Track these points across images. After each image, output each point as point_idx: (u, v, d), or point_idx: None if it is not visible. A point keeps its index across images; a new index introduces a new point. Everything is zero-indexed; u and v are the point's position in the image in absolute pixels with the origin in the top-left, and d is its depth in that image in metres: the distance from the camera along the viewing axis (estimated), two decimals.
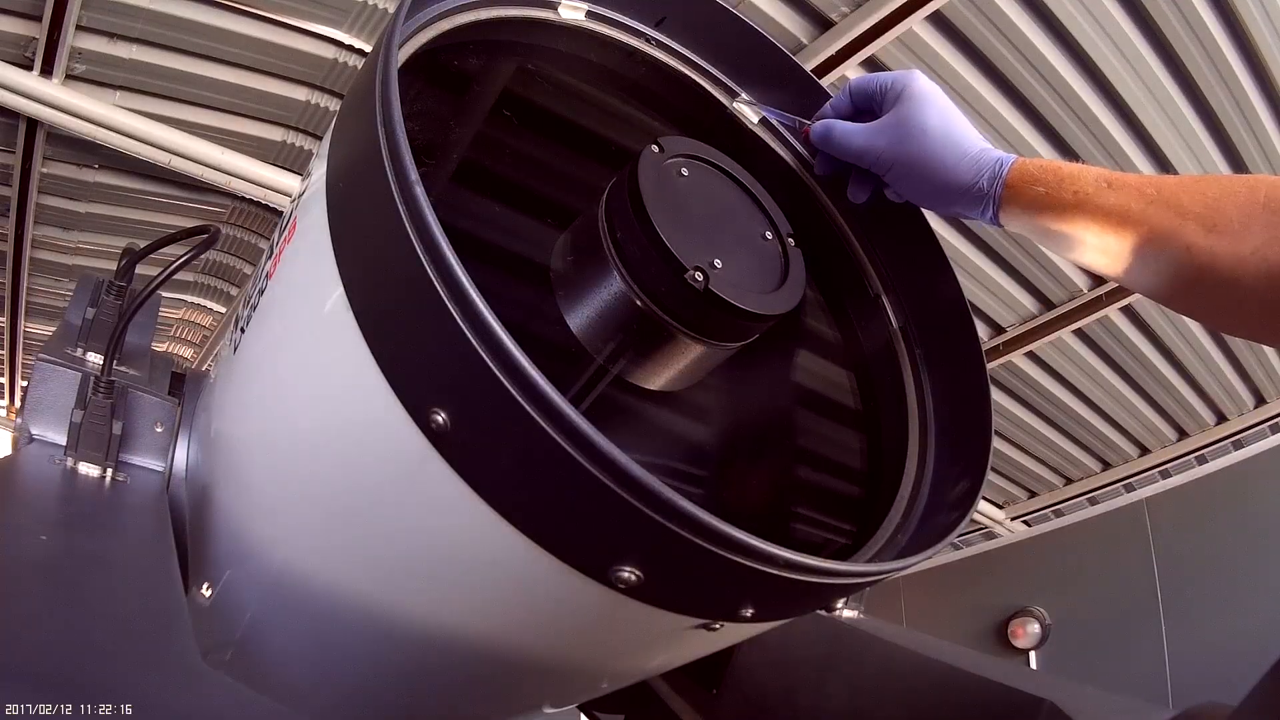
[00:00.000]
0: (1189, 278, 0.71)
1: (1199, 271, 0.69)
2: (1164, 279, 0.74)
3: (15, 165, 3.07)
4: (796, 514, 0.90)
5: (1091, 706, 0.91)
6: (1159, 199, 0.72)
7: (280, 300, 0.76)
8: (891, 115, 0.82)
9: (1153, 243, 0.72)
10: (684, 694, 1.28)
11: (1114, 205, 0.73)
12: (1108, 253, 0.75)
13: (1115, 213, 0.73)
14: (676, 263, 0.68)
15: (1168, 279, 0.73)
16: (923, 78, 0.84)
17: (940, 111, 0.81)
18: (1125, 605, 3.57)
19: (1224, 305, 0.72)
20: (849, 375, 0.98)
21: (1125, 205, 0.72)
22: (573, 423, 0.51)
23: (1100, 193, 0.74)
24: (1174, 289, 0.74)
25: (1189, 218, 0.70)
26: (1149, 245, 0.72)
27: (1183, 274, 0.71)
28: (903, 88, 0.83)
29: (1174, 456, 4.15)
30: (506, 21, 0.84)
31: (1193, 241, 0.69)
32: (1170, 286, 0.74)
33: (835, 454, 0.96)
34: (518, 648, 0.74)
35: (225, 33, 2.67)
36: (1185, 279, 0.71)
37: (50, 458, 0.84)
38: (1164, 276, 0.73)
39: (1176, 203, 0.71)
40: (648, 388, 0.76)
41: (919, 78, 0.84)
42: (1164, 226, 0.71)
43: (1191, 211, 0.70)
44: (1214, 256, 0.68)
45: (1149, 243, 0.72)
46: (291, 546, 0.80)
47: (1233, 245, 0.67)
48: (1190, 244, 0.69)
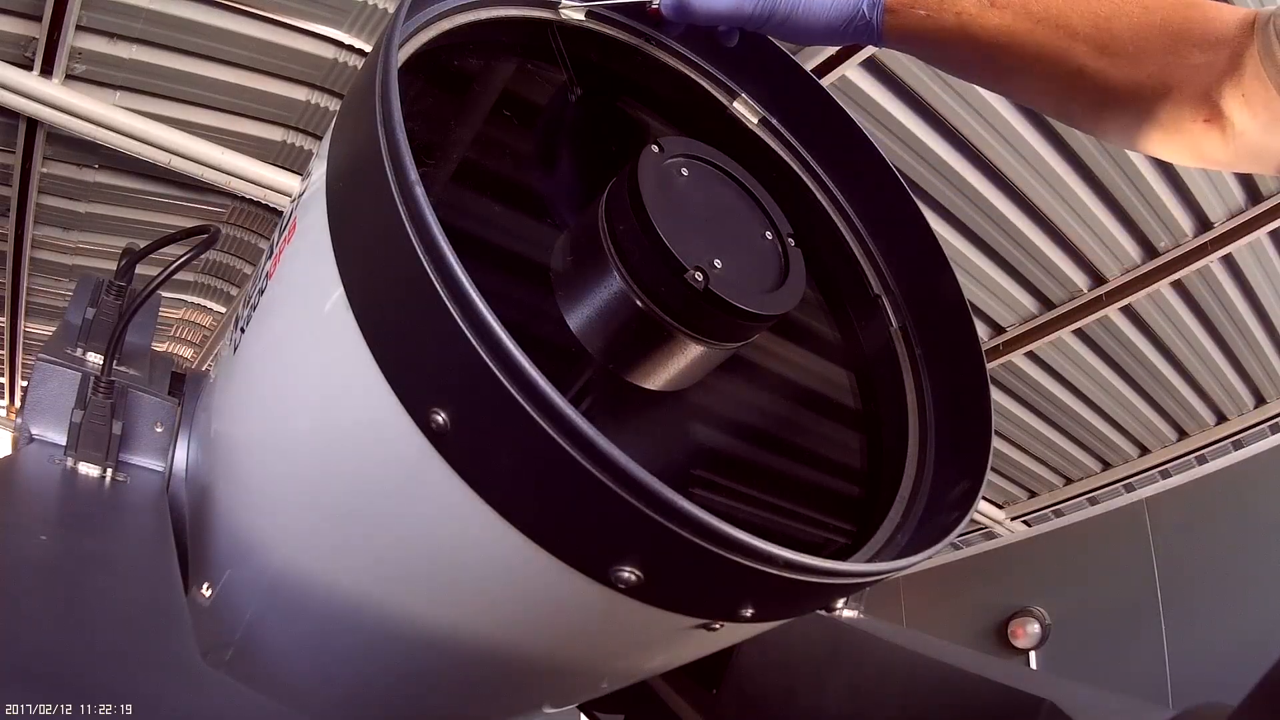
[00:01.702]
0: (1087, 100, 0.68)
1: (1095, 94, 0.66)
2: (1060, 101, 0.71)
3: (15, 165, 3.07)
4: (796, 514, 0.90)
5: (1091, 706, 0.91)
6: (1046, 18, 0.67)
7: (280, 300, 0.76)
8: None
9: (1042, 63, 0.68)
10: (684, 694, 1.28)
11: (998, 26, 0.69)
12: (999, 76, 0.72)
13: (1001, 33, 0.69)
14: (676, 263, 0.68)
15: (1063, 101, 0.70)
16: None
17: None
18: (1125, 605, 3.57)
19: (1127, 127, 0.68)
20: (849, 375, 0.98)
21: (1010, 26, 0.69)
22: (573, 423, 0.51)
23: (984, 13, 0.70)
24: (1073, 111, 0.71)
25: (1078, 39, 0.66)
26: (1039, 66, 0.68)
27: (1079, 97, 0.68)
28: None
29: (1174, 456, 4.15)
30: (506, 21, 0.84)
31: (1084, 64, 0.65)
32: (1068, 108, 0.71)
33: (835, 454, 0.96)
34: (518, 648, 0.74)
35: (225, 33, 2.67)
36: (1082, 102, 0.68)
37: (50, 458, 0.84)
38: (1059, 98, 0.70)
39: (1065, 22, 0.66)
40: (647, 388, 0.76)
41: None
42: (1052, 47, 0.67)
43: (1081, 32, 0.66)
44: (1108, 79, 0.65)
45: (1038, 63, 0.68)
46: (291, 546, 0.80)
47: (1129, 69, 0.64)
48: (1081, 66, 0.65)
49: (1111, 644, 3.61)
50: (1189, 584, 3.44)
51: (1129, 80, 0.64)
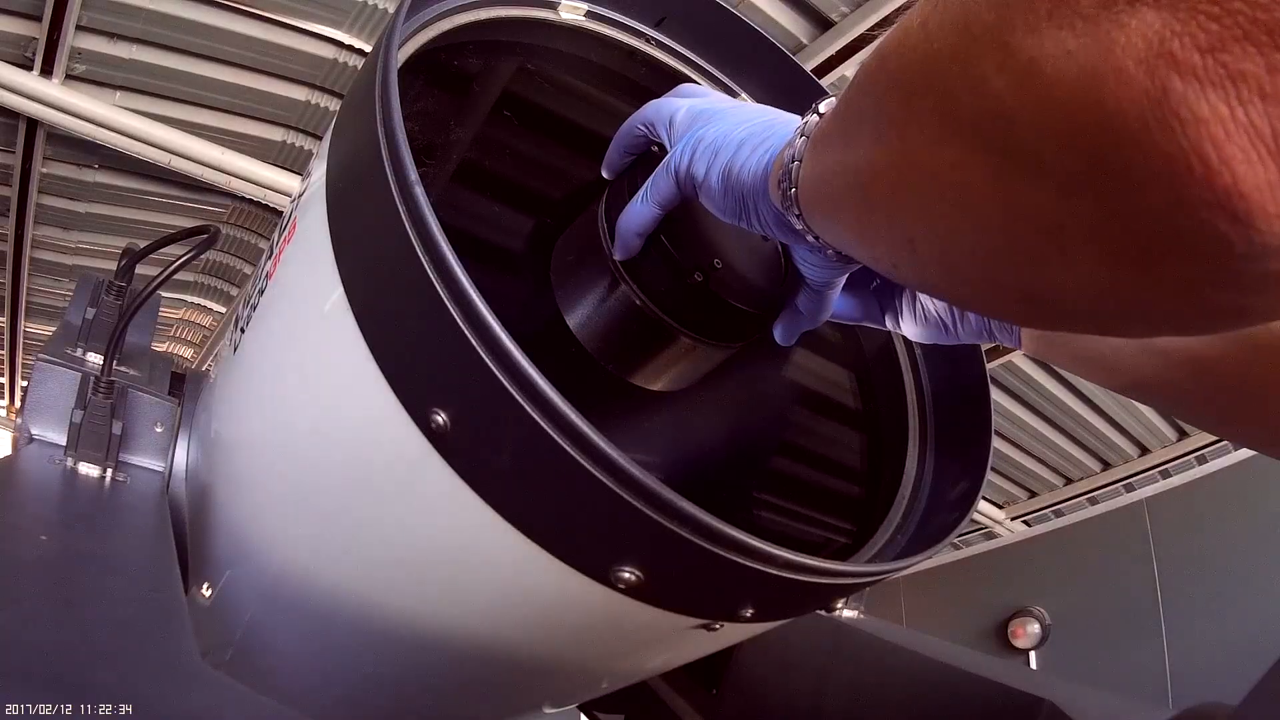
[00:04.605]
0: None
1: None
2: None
3: (15, 165, 3.07)
4: (796, 514, 0.90)
5: (1091, 706, 0.91)
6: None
7: (280, 300, 0.76)
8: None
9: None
10: (684, 694, 1.28)
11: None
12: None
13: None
14: (676, 262, 0.68)
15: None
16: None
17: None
18: (1125, 605, 3.57)
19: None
20: (849, 375, 0.98)
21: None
22: (572, 423, 0.51)
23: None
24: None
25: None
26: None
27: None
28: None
29: (1174, 456, 4.15)
30: (506, 21, 0.84)
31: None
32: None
33: (835, 454, 0.96)
34: (518, 648, 0.74)
35: (225, 33, 2.67)
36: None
37: (50, 458, 0.84)
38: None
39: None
40: (647, 388, 0.76)
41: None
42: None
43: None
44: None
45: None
46: (291, 546, 0.80)
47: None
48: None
49: (1111, 644, 3.61)
50: (1189, 584, 3.44)
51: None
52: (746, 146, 0.58)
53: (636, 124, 0.71)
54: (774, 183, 0.54)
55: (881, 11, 2.47)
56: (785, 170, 0.51)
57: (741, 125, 0.61)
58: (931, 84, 0.33)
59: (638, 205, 0.66)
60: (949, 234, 0.36)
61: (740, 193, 0.58)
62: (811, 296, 0.68)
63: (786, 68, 0.96)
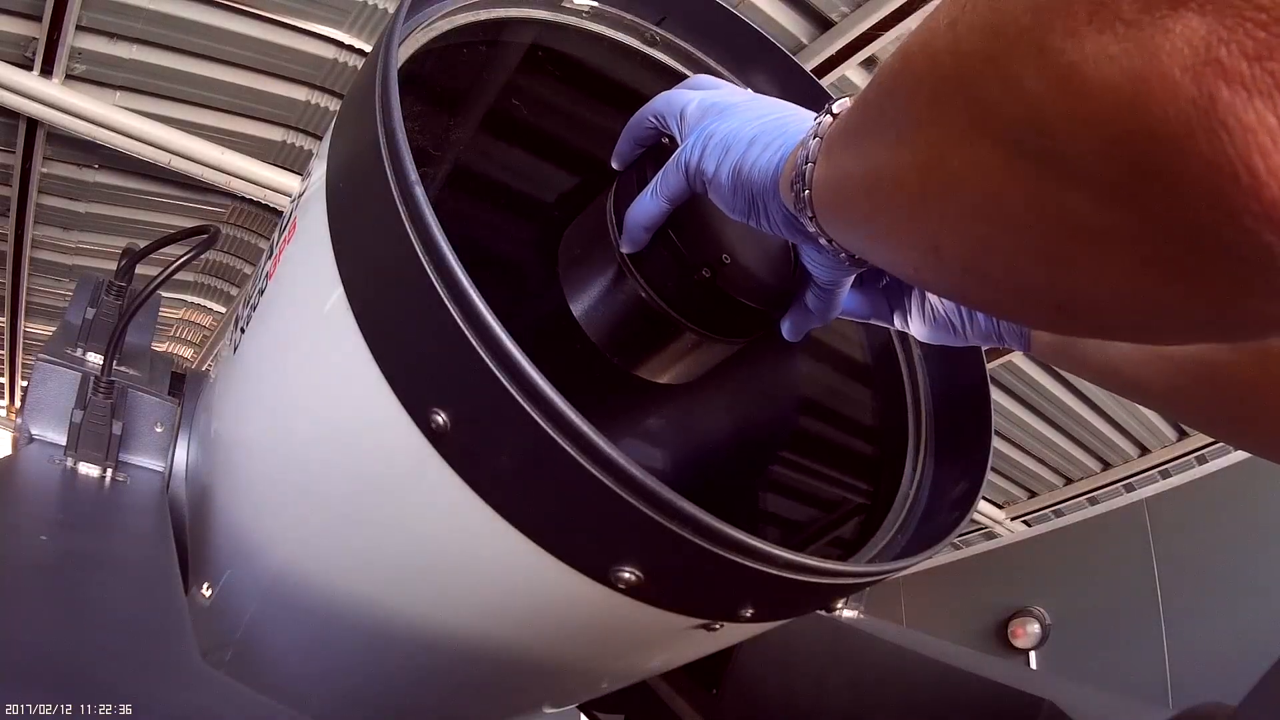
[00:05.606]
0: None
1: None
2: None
3: (15, 165, 3.07)
4: (796, 512, 0.90)
5: (1091, 706, 0.91)
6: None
7: (280, 300, 0.76)
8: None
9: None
10: (684, 694, 1.28)
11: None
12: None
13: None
14: (684, 258, 0.67)
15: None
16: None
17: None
18: (1125, 605, 3.57)
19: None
20: (850, 375, 0.98)
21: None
22: (572, 423, 0.51)
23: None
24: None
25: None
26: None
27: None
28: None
29: (1174, 456, 4.15)
30: (507, 21, 0.84)
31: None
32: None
33: (836, 454, 0.96)
34: (518, 648, 0.74)
35: (225, 33, 2.67)
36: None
37: (50, 458, 0.84)
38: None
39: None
40: (649, 380, 0.76)
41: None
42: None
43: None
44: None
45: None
46: (291, 547, 0.80)
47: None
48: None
49: (1111, 644, 3.61)
50: (1189, 584, 3.44)
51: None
52: (758, 144, 0.58)
53: (647, 115, 0.71)
54: (786, 183, 0.54)
55: (881, 11, 2.47)
56: (798, 171, 0.51)
57: (753, 122, 0.60)
58: (961, 86, 0.32)
59: (646, 199, 0.66)
60: (977, 239, 0.35)
61: (750, 192, 0.58)
62: (820, 294, 0.68)
63: (787, 68, 0.96)
